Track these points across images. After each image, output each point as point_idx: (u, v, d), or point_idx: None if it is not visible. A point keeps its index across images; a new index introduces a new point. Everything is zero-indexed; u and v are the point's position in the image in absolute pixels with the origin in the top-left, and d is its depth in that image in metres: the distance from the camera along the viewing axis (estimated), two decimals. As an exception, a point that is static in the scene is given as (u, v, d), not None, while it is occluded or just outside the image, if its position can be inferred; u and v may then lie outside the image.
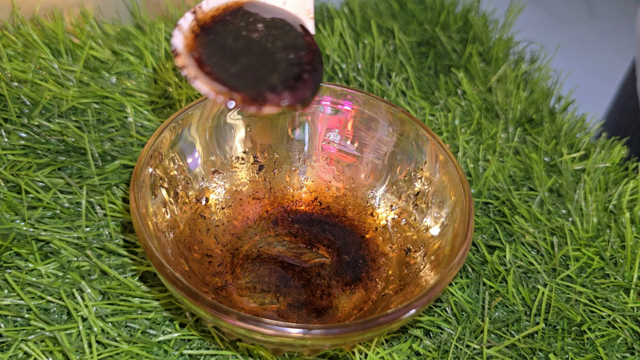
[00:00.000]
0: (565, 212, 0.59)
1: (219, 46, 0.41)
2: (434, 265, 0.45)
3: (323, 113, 0.53)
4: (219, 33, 0.42)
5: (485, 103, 0.70)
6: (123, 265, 0.50)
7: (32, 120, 0.56)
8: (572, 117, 0.71)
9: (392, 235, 0.51)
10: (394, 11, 0.83)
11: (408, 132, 0.50)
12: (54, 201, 0.52)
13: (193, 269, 0.46)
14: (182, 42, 0.40)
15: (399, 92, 0.69)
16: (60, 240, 0.50)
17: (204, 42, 0.41)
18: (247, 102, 0.37)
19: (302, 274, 0.48)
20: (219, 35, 0.42)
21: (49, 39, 0.65)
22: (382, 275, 0.49)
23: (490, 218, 0.58)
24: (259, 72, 0.39)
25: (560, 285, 0.53)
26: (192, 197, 0.49)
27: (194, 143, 0.49)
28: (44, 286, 0.47)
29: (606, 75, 2.07)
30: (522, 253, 0.55)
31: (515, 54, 0.81)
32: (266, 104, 0.37)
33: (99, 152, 0.56)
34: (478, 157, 0.63)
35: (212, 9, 0.43)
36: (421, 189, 0.50)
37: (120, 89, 0.61)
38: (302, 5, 0.45)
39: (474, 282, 0.53)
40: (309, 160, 0.55)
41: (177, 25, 0.41)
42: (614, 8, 2.75)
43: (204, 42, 0.41)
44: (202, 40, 0.41)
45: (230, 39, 0.41)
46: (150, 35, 0.69)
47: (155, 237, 0.42)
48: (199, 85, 0.38)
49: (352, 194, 0.54)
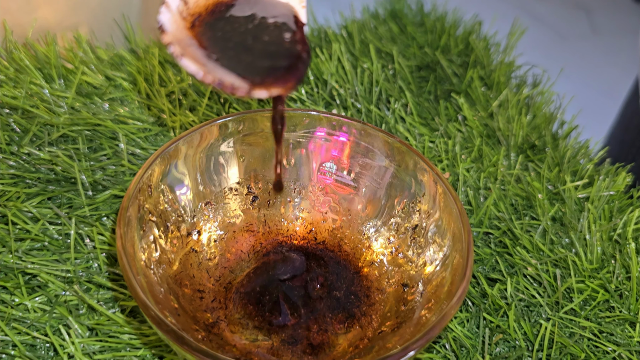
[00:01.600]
0: (568, 241, 0.58)
1: (213, 33, 0.40)
2: (433, 302, 0.43)
3: (319, 143, 0.52)
4: (213, 23, 0.41)
5: (486, 129, 0.69)
6: (112, 300, 0.48)
7: (22, 148, 0.55)
8: (576, 143, 0.70)
9: (389, 270, 0.49)
10: (393, 34, 0.82)
11: (406, 163, 0.49)
12: (43, 232, 0.51)
13: (183, 305, 0.44)
14: (169, 20, 0.39)
15: (398, 118, 0.68)
16: (47, 274, 0.48)
17: (201, 29, 0.40)
18: (241, 85, 0.36)
19: (296, 309, 0.47)
20: (213, 25, 0.41)
21: (41, 64, 0.64)
22: (378, 312, 0.47)
23: (491, 249, 0.57)
24: (254, 59, 0.39)
25: (563, 320, 0.52)
26: (184, 231, 0.48)
27: (185, 175, 0.48)
28: (30, 321, 0.46)
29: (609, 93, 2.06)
30: (524, 285, 0.54)
31: (517, 77, 0.79)
32: (259, 88, 0.37)
33: (89, 181, 0.55)
34: (479, 186, 0.62)
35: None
36: (419, 223, 0.49)
37: (112, 116, 0.60)
38: None
39: (474, 317, 0.52)
40: (304, 191, 0.53)
41: (165, 2, 0.40)
42: (616, 25, 2.75)
43: (202, 29, 0.40)
44: (200, 28, 0.40)
45: (225, 28, 0.41)
46: (144, 61, 0.68)
47: (143, 274, 0.41)
48: (186, 63, 0.37)
49: (348, 226, 0.52)
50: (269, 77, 0.37)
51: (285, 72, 0.38)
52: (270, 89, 0.37)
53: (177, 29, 0.39)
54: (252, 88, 0.36)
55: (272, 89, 0.37)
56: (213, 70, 0.37)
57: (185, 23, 0.40)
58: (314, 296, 0.48)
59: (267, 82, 0.37)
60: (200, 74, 0.36)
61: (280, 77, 0.38)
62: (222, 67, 0.38)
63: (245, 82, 0.37)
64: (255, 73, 0.37)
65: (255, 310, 0.46)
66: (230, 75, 0.37)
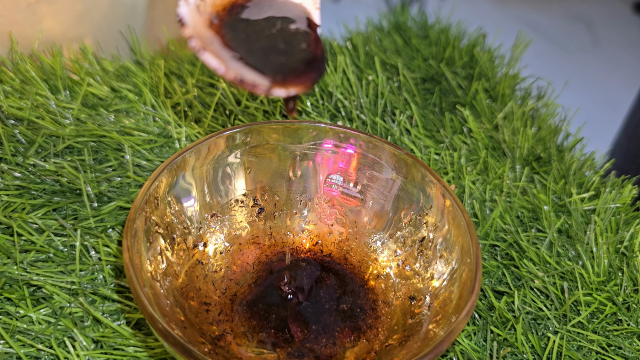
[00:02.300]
0: (575, 254, 0.58)
1: (232, 32, 0.41)
2: (440, 315, 0.43)
3: (325, 155, 0.52)
4: (231, 22, 0.41)
5: (491, 141, 0.69)
6: (117, 312, 0.48)
7: (28, 159, 0.55)
8: (581, 155, 0.70)
9: (396, 282, 0.49)
10: (398, 47, 0.83)
11: (413, 175, 0.49)
12: (48, 244, 0.51)
13: (189, 318, 0.44)
14: (188, 14, 0.39)
15: (404, 130, 0.68)
16: (52, 285, 0.48)
17: (219, 27, 0.40)
18: (262, 82, 0.37)
19: (302, 322, 0.47)
20: (231, 24, 0.41)
21: (47, 75, 0.64)
22: (385, 325, 0.47)
23: (497, 261, 0.57)
24: (272, 58, 0.39)
25: (571, 333, 0.51)
26: (190, 243, 0.48)
27: (192, 186, 0.48)
28: (34, 333, 0.46)
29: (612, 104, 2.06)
30: (531, 298, 0.53)
31: (522, 90, 0.79)
32: (279, 86, 0.37)
33: (95, 192, 0.54)
34: (485, 198, 0.62)
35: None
36: (426, 235, 0.48)
37: (118, 127, 0.60)
38: None
39: (481, 330, 0.51)
40: (310, 203, 0.53)
41: None
42: (616, 37, 2.76)
43: (220, 28, 0.40)
44: (218, 27, 0.40)
45: (244, 27, 0.41)
46: (150, 72, 0.68)
47: (150, 287, 0.41)
48: (207, 58, 0.36)
49: (355, 239, 0.52)
50: (288, 76, 0.37)
51: (303, 71, 0.39)
52: (289, 87, 0.37)
53: (196, 24, 0.39)
54: (272, 86, 0.37)
55: (291, 88, 0.37)
56: (234, 66, 0.37)
57: (203, 19, 0.40)
58: (320, 309, 0.47)
59: (287, 80, 0.37)
60: (222, 69, 0.36)
61: (298, 76, 0.38)
62: (243, 64, 0.38)
63: (266, 79, 0.37)
64: (274, 72, 0.38)
65: (261, 324, 0.46)
66: (251, 72, 0.37)
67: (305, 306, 0.47)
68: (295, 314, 0.47)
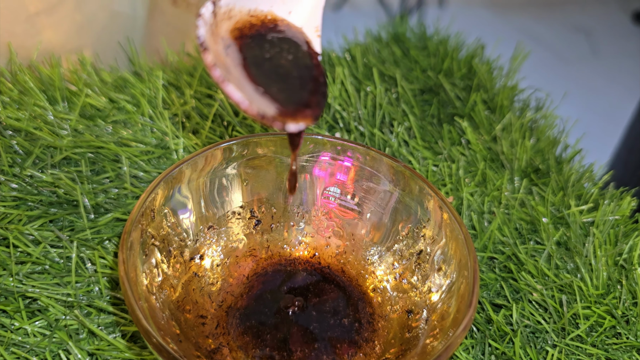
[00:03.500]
0: (573, 266, 0.57)
1: (244, 57, 0.39)
2: (438, 329, 0.43)
3: (323, 168, 0.52)
4: (247, 49, 0.40)
5: (490, 153, 0.69)
6: (113, 324, 0.48)
7: (25, 170, 0.55)
8: (580, 167, 0.70)
9: (393, 296, 0.49)
10: (396, 58, 0.83)
11: (411, 188, 0.49)
12: (44, 256, 0.50)
13: (185, 331, 0.44)
14: (208, 36, 0.37)
15: (402, 141, 0.68)
16: (48, 297, 0.48)
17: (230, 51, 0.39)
18: (283, 116, 0.36)
19: (298, 335, 0.46)
20: (247, 51, 0.40)
21: (45, 86, 0.64)
22: (382, 339, 0.46)
23: (495, 274, 0.56)
24: (283, 90, 0.38)
25: (570, 346, 0.51)
26: (186, 255, 0.48)
27: (188, 199, 0.48)
28: (29, 346, 0.46)
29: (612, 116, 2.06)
30: (530, 311, 0.53)
31: (520, 101, 0.79)
32: (301, 119, 0.36)
33: (92, 204, 0.54)
34: (483, 210, 0.61)
35: (234, 20, 0.41)
36: (424, 248, 0.48)
37: (115, 138, 0.60)
38: (310, 21, 0.44)
39: (479, 343, 0.51)
40: (307, 215, 0.53)
41: (200, 15, 0.37)
42: (616, 47, 2.76)
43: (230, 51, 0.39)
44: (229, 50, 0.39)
45: (254, 54, 0.40)
46: (148, 83, 0.68)
47: (145, 300, 0.40)
48: (231, 90, 0.34)
49: (352, 252, 0.52)
50: (299, 109, 0.37)
51: (310, 103, 0.38)
52: (299, 121, 0.36)
53: (214, 49, 0.37)
54: (286, 119, 0.36)
55: (300, 122, 0.36)
56: (257, 101, 0.36)
57: (216, 43, 0.38)
58: (317, 322, 0.47)
59: (296, 114, 0.36)
60: (245, 103, 0.34)
61: (303, 110, 0.37)
62: (261, 96, 0.37)
63: (290, 119, 0.36)
64: (287, 105, 0.37)
65: (257, 338, 0.46)
66: (270, 106, 0.36)
67: (302, 320, 0.47)
68: (292, 327, 0.47)
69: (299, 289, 0.50)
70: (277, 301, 0.48)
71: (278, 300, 0.48)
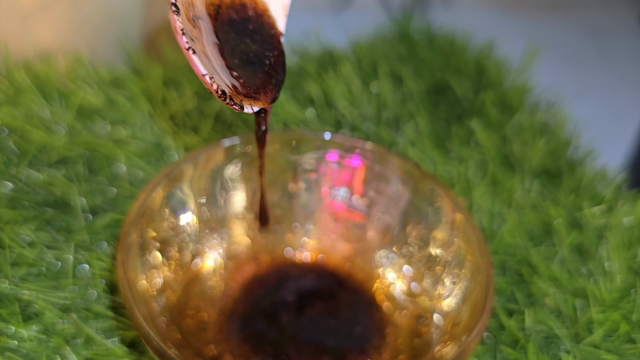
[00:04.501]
0: (586, 270, 0.56)
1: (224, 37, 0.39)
2: (449, 337, 0.41)
3: (330, 167, 0.50)
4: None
5: (500, 153, 0.67)
6: (111, 329, 0.46)
7: (20, 170, 0.53)
8: (592, 168, 0.68)
9: (402, 300, 0.47)
10: (402, 56, 0.81)
11: (422, 189, 0.47)
12: (40, 258, 0.49)
13: (186, 337, 0.42)
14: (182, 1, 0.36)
15: (409, 141, 0.67)
16: (44, 301, 0.47)
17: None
18: (241, 95, 0.36)
19: (303, 341, 0.45)
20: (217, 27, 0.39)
21: (41, 84, 0.63)
22: (390, 345, 0.45)
23: (507, 278, 0.55)
24: (244, 69, 0.38)
25: (584, 352, 0.50)
26: (187, 257, 0.46)
27: (189, 198, 0.46)
28: (25, 351, 0.44)
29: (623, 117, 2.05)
30: (543, 316, 0.52)
31: (530, 101, 0.78)
32: (260, 101, 0.36)
33: (89, 204, 0.53)
34: (493, 212, 0.60)
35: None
36: (435, 252, 0.47)
37: (113, 137, 0.59)
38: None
39: (490, 350, 0.49)
40: (313, 217, 0.52)
41: None
42: (624, 49, 2.76)
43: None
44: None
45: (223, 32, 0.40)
46: (147, 81, 0.66)
47: (145, 303, 0.39)
48: (195, 61, 0.34)
49: (360, 255, 0.51)
50: (255, 92, 0.36)
51: (266, 86, 0.38)
52: (256, 102, 0.36)
53: (184, 17, 0.36)
54: (243, 100, 0.35)
55: (258, 103, 0.36)
56: (214, 75, 0.35)
57: (186, 13, 0.37)
58: (323, 328, 0.46)
59: (255, 95, 0.36)
60: (206, 77, 0.34)
61: (261, 91, 0.37)
62: (220, 69, 0.36)
63: (239, 93, 0.36)
64: (246, 86, 0.37)
65: (260, 343, 0.45)
66: (229, 84, 0.35)
67: (307, 325, 0.46)
68: (296, 333, 0.45)
69: (304, 293, 0.49)
70: (281, 306, 0.47)
71: (282, 306, 0.47)
